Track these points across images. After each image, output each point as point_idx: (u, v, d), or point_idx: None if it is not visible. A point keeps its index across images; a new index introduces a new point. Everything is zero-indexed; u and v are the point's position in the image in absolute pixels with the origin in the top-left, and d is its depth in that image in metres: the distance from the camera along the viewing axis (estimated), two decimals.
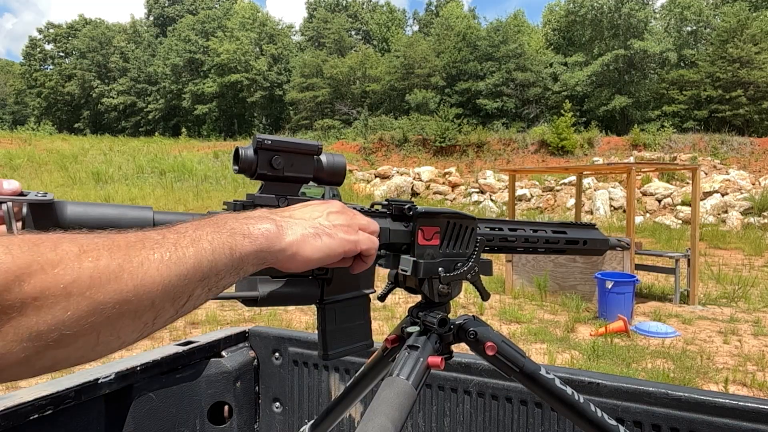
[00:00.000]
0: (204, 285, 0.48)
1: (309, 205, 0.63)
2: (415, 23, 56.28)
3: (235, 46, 42.98)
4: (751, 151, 22.10)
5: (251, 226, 0.53)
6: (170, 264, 0.45)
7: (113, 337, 0.42)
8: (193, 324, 6.00)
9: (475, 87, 35.66)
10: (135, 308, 0.42)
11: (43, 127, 41.76)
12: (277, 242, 0.55)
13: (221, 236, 0.50)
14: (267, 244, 0.54)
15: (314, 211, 0.62)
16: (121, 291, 0.41)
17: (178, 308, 0.47)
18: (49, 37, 53.36)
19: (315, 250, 0.58)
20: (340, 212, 0.63)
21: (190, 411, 1.44)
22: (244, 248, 0.51)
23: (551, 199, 19.44)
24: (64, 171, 23.91)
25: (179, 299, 0.46)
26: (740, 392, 4.12)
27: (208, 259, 0.48)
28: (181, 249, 0.46)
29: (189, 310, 0.49)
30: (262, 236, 0.53)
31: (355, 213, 0.65)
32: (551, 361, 4.81)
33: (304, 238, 0.57)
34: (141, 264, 0.43)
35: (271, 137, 0.65)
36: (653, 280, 8.33)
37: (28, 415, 1.09)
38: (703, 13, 36.65)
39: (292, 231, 0.57)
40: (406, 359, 0.74)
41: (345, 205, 0.66)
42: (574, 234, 0.95)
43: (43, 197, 0.53)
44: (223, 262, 0.49)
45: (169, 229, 0.48)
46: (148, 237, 0.45)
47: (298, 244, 0.57)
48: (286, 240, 0.56)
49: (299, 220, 0.59)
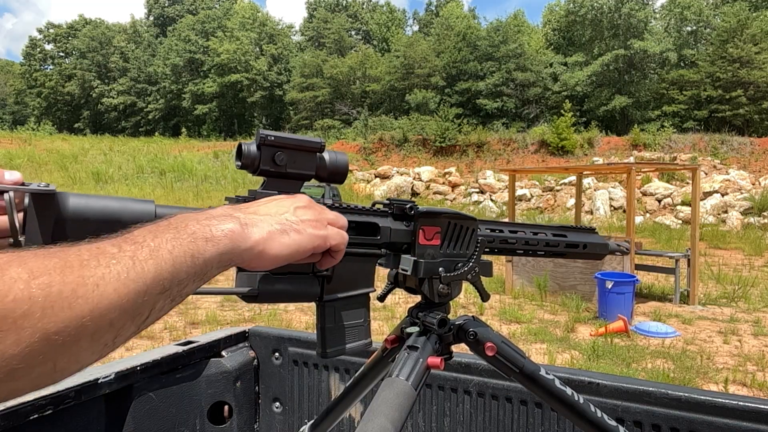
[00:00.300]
0: (166, 297, 0.46)
1: (275, 200, 0.61)
2: (415, 23, 56.32)
3: (235, 46, 42.99)
4: (751, 151, 22.10)
5: (213, 227, 0.51)
6: (128, 281, 0.42)
7: (71, 362, 0.40)
8: (193, 324, 6.00)
9: (475, 87, 35.66)
10: (92, 332, 0.40)
11: (43, 127, 41.76)
12: (241, 242, 0.52)
13: (182, 243, 0.47)
14: (231, 245, 0.51)
15: (280, 206, 0.60)
16: (76, 317, 0.39)
17: (139, 324, 0.45)
18: (49, 37, 53.37)
19: (283, 247, 0.56)
20: (307, 207, 0.61)
21: (190, 411, 1.44)
22: (206, 253, 0.49)
23: (551, 199, 19.44)
24: (64, 171, 23.92)
25: (140, 315, 0.44)
26: (740, 392, 4.12)
27: (168, 271, 0.45)
28: (140, 263, 0.43)
29: (152, 322, 0.46)
30: (225, 237, 0.51)
31: (323, 208, 0.64)
32: (551, 361, 4.81)
33: (270, 236, 0.55)
34: (96, 285, 0.40)
35: (275, 133, 0.65)
36: (653, 280, 8.33)
37: (28, 415, 1.09)
38: (703, 13, 36.65)
39: (258, 228, 0.55)
40: (405, 360, 0.74)
41: (312, 200, 0.64)
42: (574, 237, 0.95)
43: (46, 188, 0.53)
44: (185, 270, 0.47)
45: (125, 239, 0.45)
46: (103, 251, 0.43)
47: (264, 242, 0.54)
48: (252, 239, 0.53)
49: (265, 216, 0.57)
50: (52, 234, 0.53)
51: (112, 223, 0.54)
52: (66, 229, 0.54)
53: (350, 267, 0.74)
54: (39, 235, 0.52)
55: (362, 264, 0.75)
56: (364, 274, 0.76)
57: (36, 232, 0.52)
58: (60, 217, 0.54)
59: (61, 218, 0.54)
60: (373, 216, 0.75)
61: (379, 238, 0.75)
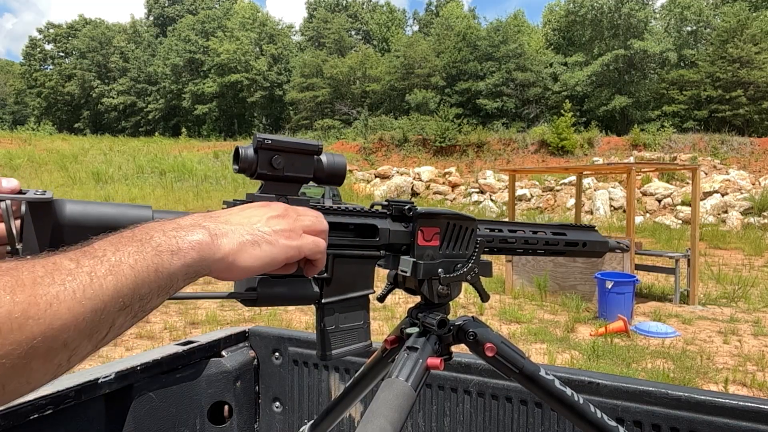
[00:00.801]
0: (127, 313, 0.44)
1: (248, 209, 0.59)
2: (415, 23, 56.33)
3: (235, 46, 42.99)
4: (751, 151, 22.10)
5: (180, 238, 0.48)
6: (84, 300, 0.40)
7: (21, 384, 0.38)
8: (193, 324, 6.01)
9: (475, 87, 35.66)
10: (44, 353, 0.38)
11: (43, 127, 41.79)
12: (210, 254, 0.50)
13: (145, 256, 0.45)
14: (199, 257, 0.49)
15: (253, 215, 0.57)
16: (27, 339, 0.37)
17: (97, 342, 0.43)
18: (49, 37, 53.37)
19: (254, 259, 0.54)
20: (281, 216, 0.59)
21: (190, 411, 1.44)
22: (172, 266, 0.47)
23: (551, 199, 19.45)
24: (64, 171, 23.92)
25: (98, 333, 0.42)
26: (740, 392, 4.12)
27: (129, 287, 0.43)
28: (98, 279, 0.41)
29: (112, 339, 0.45)
30: (192, 249, 0.49)
31: (298, 215, 0.61)
32: (551, 361, 4.81)
33: (241, 247, 0.53)
34: (50, 305, 0.38)
35: (272, 137, 0.65)
36: (653, 280, 8.33)
37: (28, 415, 1.09)
38: (703, 13, 36.65)
39: (228, 239, 0.52)
40: (405, 360, 0.74)
41: (288, 207, 0.62)
42: (573, 236, 0.95)
43: (42, 195, 0.53)
44: (147, 285, 0.45)
45: (85, 253, 0.43)
46: (59, 267, 0.40)
47: (234, 254, 0.52)
48: (221, 250, 0.51)
49: (236, 227, 0.54)
50: (50, 241, 0.53)
51: (109, 230, 0.54)
52: (63, 236, 0.53)
53: (349, 269, 0.74)
54: (36, 242, 0.52)
55: (361, 266, 0.75)
56: (364, 276, 0.76)
57: (33, 240, 0.52)
58: (57, 224, 0.54)
59: (59, 225, 0.54)
60: (371, 217, 0.75)
61: (378, 240, 0.75)
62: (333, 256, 0.72)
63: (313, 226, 0.61)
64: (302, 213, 0.62)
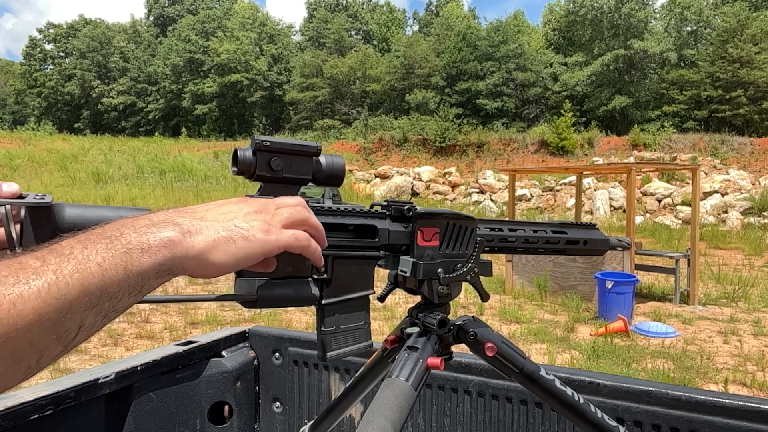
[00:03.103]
0: (96, 313, 0.43)
1: (225, 204, 0.57)
2: (415, 23, 56.32)
3: (235, 46, 42.98)
4: (751, 151, 22.10)
5: (151, 235, 0.47)
6: (48, 299, 0.39)
7: None
8: (193, 324, 6.01)
9: (475, 87, 35.66)
10: (10, 354, 0.38)
11: (43, 127, 41.80)
12: (182, 252, 0.49)
13: (114, 254, 0.44)
14: (170, 254, 0.48)
15: (230, 211, 0.56)
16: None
17: (67, 343, 0.42)
18: (49, 37, 53.37)
19: (228, 256, 0.52)
20: (259, 211, 0.57)
21: (190, 411, 1.44)
22: (142, 265, 0.45)
23: (551, 199, 19.45)
24: (64, 171, 23.92)
25: (66, 334, 0.41)
26: (740, 392, 4.12)
27: (97, 285, 0.42)
28: (63, 278, 0.40)
29: (84, 339, 0.44)
30: (164, 247, 0.47)
31: (277, 208, 0.59)
32: (551, 361, 4.81)
33: (215, 244, 0.51)
34: (13, 304, 0.37)
35: (270, 138, 0.65)
36: (653, 280, 8.33)
37: (28, 415, 1.09)
38: (703, 13, 36.64)
39: (202, 236, 0.51)
40: (405, 360, 0.74)
41: (267, 201, 0.60)
42: (574, 234, 0.95)
43: (42, 200, 0.53)
44: (116, 284, 0.44)
45: (51, 251, 0.42)
46: (24, 266, 0.40)
47: (208, 252, 0.51)
48: (194, 248, 0.50)
49: (211, 223, 0.53)
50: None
51: None
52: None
53: (349, 270, 0.74)
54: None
55: (361, 266, 0.75)
56: (364, 276, 0.76)
57: (33, 244, 0.52)
58: (56, 228, 0.54)
59: (58, 230, 0.54)
60: (371, 218, 0.75)
61: (378, 240, 0.75)
62: (333, 257, 0.72)
63: (292, 218, 0.59)
64: (281, 205, 0.60)
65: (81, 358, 4.82)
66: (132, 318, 6.19)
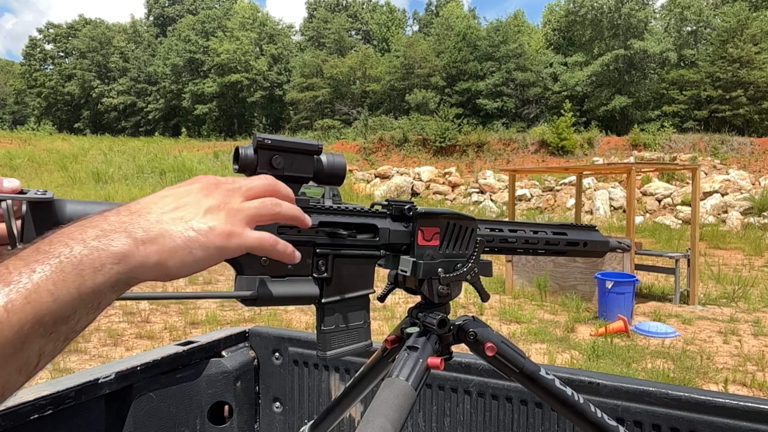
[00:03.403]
0: (55, 338, 0.41)
1: (184, 195, 0.52)
2: (415, 23, 56.33)
3: (235, 46, 42.98)
4: (751, 151, 22.10)
5: (102, 252, 0.43)
6: (1, 337, 0.37)
7: None
8: (193, 324, 6.01)
9: (475, 87, 35.66)
10: None
11: (43, 127, 41.82)
12: (135, 264, 0.45)
13: (65, 278, 0.41)
14: (124, 269, 0.44)
15: (187, 204, 0.51)
16: None
17: (29, 372, 0.40)
18: (49, 37, 53.37)
19: (186, 265, 0.48)
20: (220, 207, 0.52)
21: (190, 411, 1.44)
22: (96, 283, 0.43)
23: (551, 199, 19.45)
24: (64, 171, 23.92)
25: (27, 365, 0.40)
26: (740, 392, 4.12)
27: (51, 313, 0.40)
28: (15, 313, 0.38)
29: (45, 364, 0.42)
30: (116, 264, 0.44)
31: (243, 199, 0.54)
32: (551, 361, 4.81)
33: (171, 254, 0.47)
34: None
35: (271, 136, 0.65)
36: (653, 280, 8.33)
37: (28, 415, 1.09)
38: (703, 13, 36.64)
39: (157, 246, 0.46)
40: (405, 360, 0.74)
41: (231, 190, 0.54)
42: (574, 235, 0.95)
43: (43, 195, 0.53)
44: (71, 307, 0.41)
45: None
46: None
47: (163, 262, 0.47)
48: (149, 260, 0.46)
49: (167, 226, 0.48)
50: None
51: None
52: None
53: (349, 269, 0.74)
54: None
55: (362, 265, 0.75)
56: (364, 275, 0.76)
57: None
58: (58, 224, 0.54)
59: (59, 225, 0.54)
60: (371, 217, 0.75)
61: (378, 240, 0.75)
62: (333, 256, 0.72)
63: (259, 214, 0.54)
64: (248, 193, 0.55)
65: (81, 358, 4.82)
66: (132, 318, 6.19)
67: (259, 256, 0.63)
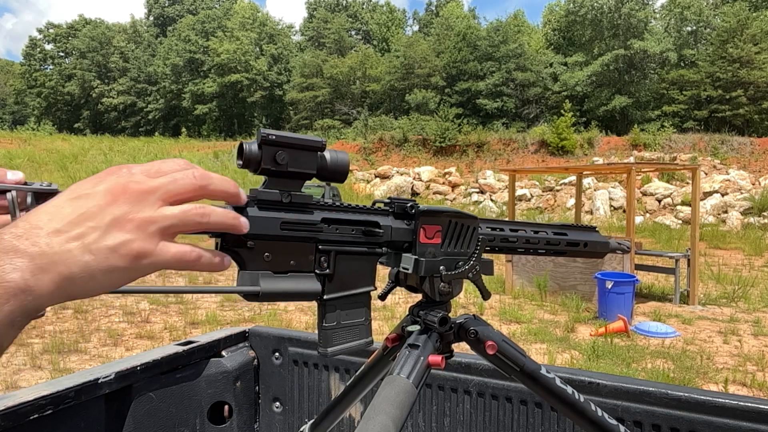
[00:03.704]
0: None
1: (82, 218, 0.43)
2: (415, 23, 56.34)
3: (235, 46, 42.99)
4: (751, 151, 22.10)
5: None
6: None
7: None
8: (193, 324, 6.01)
9: (475, 87, 35.67)
10: None
11: (43, 127, 41.79)
12: (32, 297, 0.40)
13: None
14: (19, 305, 0.39)
15: (87, 224, 0.43)
16: None
17: None
18: (49, 37, 53.37)
19: (88, 292, 0.43)
20: (127, 219, 0.44)
21: (190, 411, 1.44)
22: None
23: (551, 199, 19.45)
24: (64, 171, 23.91)
25: None
26: (740, 392, 4.12)
27: None
28: None
29: None
30: (9, 301, 0.39)
31: (161, 205, 0.46)
32: (551, 361, 4.81)
33: (71, 281, 0.42)
34: None
35: (276, 132, 0.65)
36: (653, 280, 8.33)
37: (28, 415, 1.09)
38: (703, 13, 36.66)
39: (53, 274, 0.41)
40: (406, 358, 0.74)
41: (147, 190, 0.46)
42: (574, 236, 0.95)
43: (48, 187, 0.53)
44: None
45: None
46: None
47: (63, 290, 0.41)
48: (45, 292, 0.40)
49: (59, 251, 0.41)
50: None
51: None
52: None
53: (351, 266, 0.74)
54: None
55: (363, 263, 0.75)
56: (365, 272, 0.76)
57: None
58: None
59: None
60: (374, 215, 0.76)
61: (380, 237, 0.75)
62: (335, 253, 0.72)
63: (180, 224, 0.47)
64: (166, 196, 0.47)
65: (81, 358, 4.82)
66: (132, 318, 6.19)
67: (261, 251, 0.63)
